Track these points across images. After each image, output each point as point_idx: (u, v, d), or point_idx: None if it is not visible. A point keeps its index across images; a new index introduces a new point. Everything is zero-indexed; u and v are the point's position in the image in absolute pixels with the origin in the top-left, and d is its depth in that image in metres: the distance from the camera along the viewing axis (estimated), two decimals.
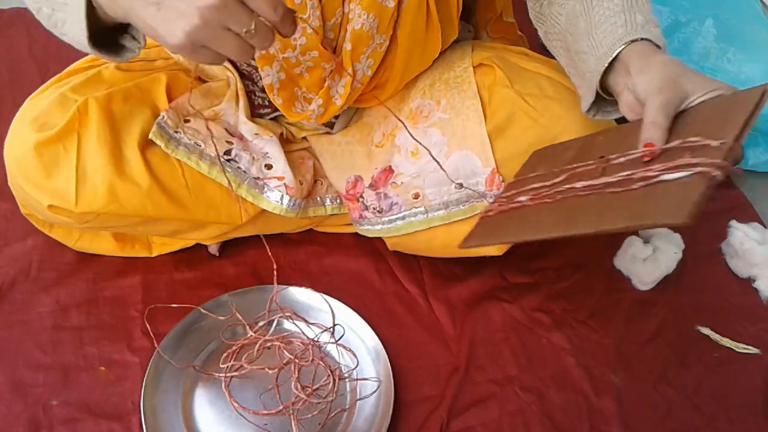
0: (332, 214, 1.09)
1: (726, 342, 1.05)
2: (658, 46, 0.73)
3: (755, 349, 1.04)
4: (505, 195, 0.79)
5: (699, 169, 0.58)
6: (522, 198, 0.75)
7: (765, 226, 1.21)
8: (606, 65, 0.74)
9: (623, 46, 0.72)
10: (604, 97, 0.78)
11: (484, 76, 0.95)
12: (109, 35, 0.74)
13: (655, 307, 1.09)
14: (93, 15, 0.69)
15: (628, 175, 0.64)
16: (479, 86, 0.94)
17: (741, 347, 1.04)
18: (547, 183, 0.74)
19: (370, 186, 1.00)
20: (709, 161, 0.58)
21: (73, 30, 0.70)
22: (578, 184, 0.68)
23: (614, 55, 0.73)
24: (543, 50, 0.98)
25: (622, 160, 0.67)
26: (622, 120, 0.77)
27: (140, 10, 0.62)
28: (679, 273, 1.12)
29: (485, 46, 1.01)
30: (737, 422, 0.96)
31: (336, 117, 1.04)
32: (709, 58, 1.28)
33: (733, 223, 1.18)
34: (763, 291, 1.11)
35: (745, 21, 1.31)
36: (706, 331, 1.06)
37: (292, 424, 0.88)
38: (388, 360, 0.96)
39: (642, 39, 0.72)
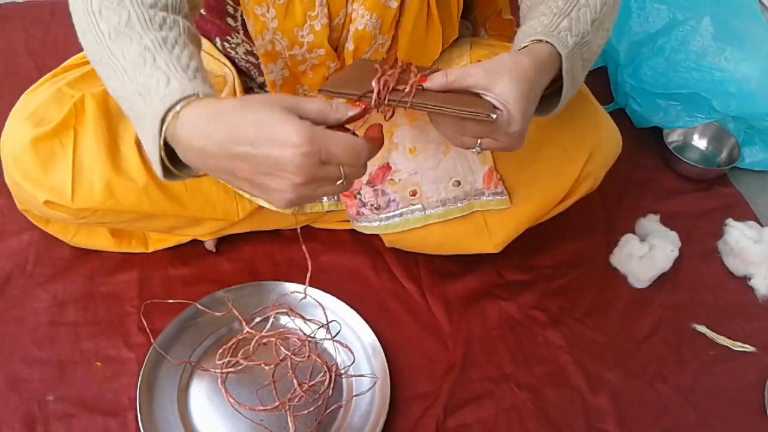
0: (329, 211, 1.09)
1: (722, 340, 1.05)
2: (559, 53, 0.72)
3: (751, 347, 1.04)
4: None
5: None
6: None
7: (761, 225, 1.21)
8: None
9: (528, 43, 0.73)
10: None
11: None
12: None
13: (651, 305, 1.09)
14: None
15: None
16: None
17: (737, 345, 1.04)
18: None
19: (368, 183, 1.00)
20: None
21: (147, 147, 0.64)
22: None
23: (520, 48, 0.73)
24: None
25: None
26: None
27: (234, 183, 0.61)
28: (675, 271, 1.12)
29: (483, 44, 1.01)
30: (732, 420, 0.96)
31: None
32: (707, 57, 1.28)
33: (730, 221, 1.18)
34: (758, 289, 1.12)
35: (742, 19, 1.31)
36: (702, 329, 1.06)
37: (289, 420, 0.88)
38: (384, 357, 0.96)
39: (546, 41, 0.72)
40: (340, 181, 0.60)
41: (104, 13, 0.65)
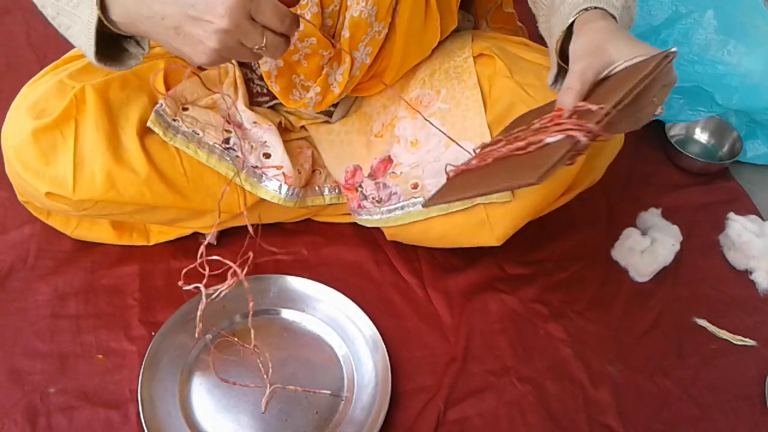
0: (330, 204, 1.09)
1: (723, 334, 1.05)
2: (613, 16, 0.71)
3: (752, 341, 1.04)
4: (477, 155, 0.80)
5: (570, 132, 0.60)
6: (474, 161, 0.77)
7: (763, 219, 1.21)
8: (561, 34, 0.72)
9: (576, 15, 0.71)
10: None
11: (485, 67, 0.95)
12: (111, 39, 0.74)
13: (652, 299, 1.09)
14: (100, 25, 0.70)
15: (531, 139, 0.66)
16: (479, 76, 0.94)
17: (738, 339, 1.04)
18: (491, 146, 0.76)
19: (369, 175, 1.00)
20: (579, 124, 0.60)
21: (79, 40, 0.72)
22: (504, 148, 0.70)
23: (568, 23, 0.72)
24: (542, 41, 0.98)
25: (537, 125, 0.68)
26: None
27: (161, 35, 0.66)
28: (676, 265, 1.12)
29: (485, 36, 1.01)
30: (733, 414, 0.96)
31: (335, 106, 1.03)
32: (710, 50, 1.27)
33: (731, 215, 1.18)
34: (760, 283, 1.12)
35: (746, 13, 1.31)
36: (703, 323, 1.06)
37: (290, 412, 0.88)
38: (385, 350, 0.96)
39: (595, 8, 0.71)
40: (260, 45, 0.65)
41: None
